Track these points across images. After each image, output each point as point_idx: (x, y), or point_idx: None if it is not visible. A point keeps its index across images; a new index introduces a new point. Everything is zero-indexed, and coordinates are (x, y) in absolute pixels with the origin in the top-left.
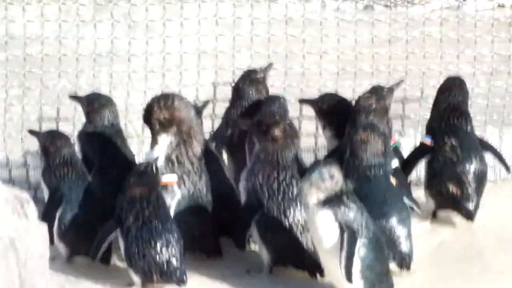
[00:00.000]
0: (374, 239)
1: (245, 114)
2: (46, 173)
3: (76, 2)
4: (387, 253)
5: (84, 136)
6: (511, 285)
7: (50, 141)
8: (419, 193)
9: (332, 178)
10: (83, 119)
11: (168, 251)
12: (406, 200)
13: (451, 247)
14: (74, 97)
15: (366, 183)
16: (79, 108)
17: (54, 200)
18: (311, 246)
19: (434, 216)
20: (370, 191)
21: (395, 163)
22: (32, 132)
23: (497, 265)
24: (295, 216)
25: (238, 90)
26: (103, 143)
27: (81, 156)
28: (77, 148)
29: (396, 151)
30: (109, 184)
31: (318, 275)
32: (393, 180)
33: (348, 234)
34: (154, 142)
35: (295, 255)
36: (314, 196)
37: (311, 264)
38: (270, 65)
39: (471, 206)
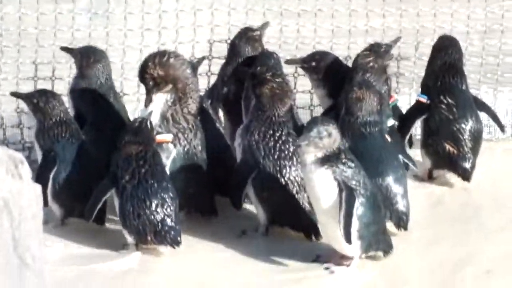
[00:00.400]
0: (371, 198)
1: (239, 69)
2: (40, 134)
3: None
4: (384, 212)
5: (77, 91)
6: (506, 244)
7: (43, 101)
8: (416, 152)
9: (329, 136)
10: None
11: (163, 211)
12: (401, 158)
13: (447, 206)
14: (66, 49)
15: (362, 141)
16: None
17: (48, 161)
18: (307, 206)
19: (430, 175)
20: (366, 149)
21: (390, 121)
22: (15, 94)
23: (492, 225)
24: (291, 174)
25: (234, 48)
26: (96, 99)
27: (74, 112)
28: (68, 104)
29: (395, 109)
30: (102, 141)
31: (313, 236)
32: (387, 138)
33: (347, 193)
34: (148, 99)
35: (291, 215)
36: (311, 154)
37: (307, 225)
38: (266, 24)
39: (467, 165)
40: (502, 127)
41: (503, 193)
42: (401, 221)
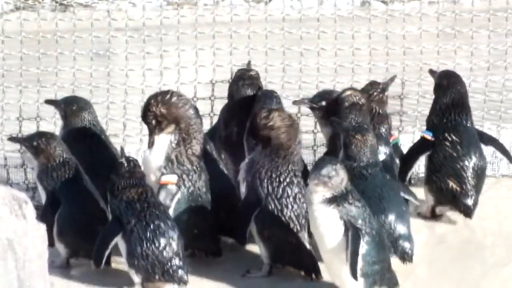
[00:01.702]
0: (376, 237)
1: (239, 109)
2: (42, 175)
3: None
4: (389, 250)
5: (69, 138)
6: (509, 281)
7: (44, 143)
8: (417, 191)
9: (338, 176)
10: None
11: (171, 250)
12: (402, 194)
13: (450, 244)
14: (50, 101)
15: (362, 182)
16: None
17: (52, 202)
18: (308, 245)
19: (433, 213)
20: (367, 188)
21: (381, 156)
22: (13, 139)
23: (495, 261)
24: (293, 214)
25: (232, 88)
26: (90, 144)
27: None
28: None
29: (396, 148)
30: (100, 184)
31: (314, 275)
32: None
33: (353, 232)
34: (151, 140)
35: (292, 254)
36: (319, 194)
37: (307, 264)
38: (249, 62)
39: (470, 202)
40: (511, 160)
41: (506, 230)
42: (406, 255)
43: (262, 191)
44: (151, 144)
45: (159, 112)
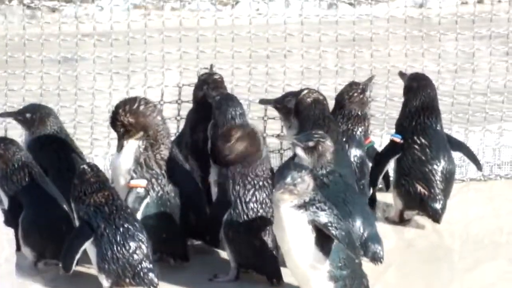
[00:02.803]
0: (345, 238)
1: (205, 114)
2: (3, 180)
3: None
4: (358, 251)
5: (35, 145)
6: (477, 284)
7: (2, 148)
8: (386, 195)
9: (303, 182)
10: None
11: (141, 253)
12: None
13: (418, 248)
14: (8, 114)
15: (325, 189)
16: None
17: (14, 206)
18: (272, 250)
19: (401, 217)
20: (331, 195)
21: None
22: None
23: (463, 265)
24: (258, 218)
25: (197, 94)
26: (56, 150)
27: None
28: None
29: (372, 151)
30: (68, 189)
31: (275, 281)
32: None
33: (322, 236)
34: (120, 146)
35: (255, 258)
36: (286, 200)
37: (270, 268)
38: (211, 66)
39: (438, 206)
40: (479, 166)
41: (473, 234)
42: (376, 256)
43: (233, 194)
44: (119, 148)
45: (127, 121)
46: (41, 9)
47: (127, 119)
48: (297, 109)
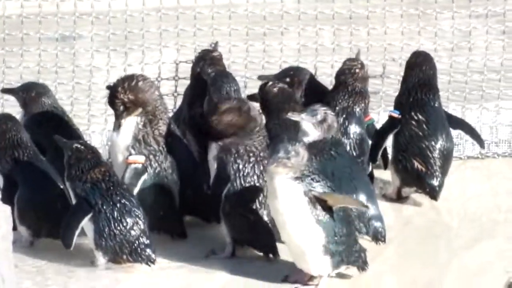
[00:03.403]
0: (340, 211)
1: (202, 90)
2: None
3: None
4: (355, 226)
5: (32, 124)
6: (474, 261)
7: None
8: (384, 172)
9: (297, 155)
10: None
11: (138, 229)
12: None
13: (416, 225)
14: (8, 90)
15: (331, 162)
16: None
17: (9, 185)
18: (267, 225)
19: (399, 194)
20: (336, 168)
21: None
22: None
23: (461, 243)
24: (255, 191)
25: (195, 70)
26: (53, 127)
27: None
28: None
29: (372, 128)
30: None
31: (271, 255)
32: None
33: (317, 209)
34: (117, 123)
35: (251, 232)
36: (281, 173)
37: (265, 242)
38: (216, 43)
39: (435, 183)
40: (481, 143)
41: (471, 212)
42: (379, 235)
43: (232, 168)
44: (117, 127)
45: (126, 98)
46: None
47: (127, 96)
48: (264, 101)
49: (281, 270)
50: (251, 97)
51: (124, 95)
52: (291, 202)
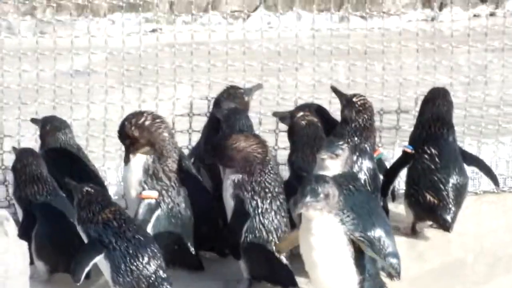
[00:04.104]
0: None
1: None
2: (17, 192)
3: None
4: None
5: (47, 158)
6: None
7: (17, 159)
8: (399, 207)
9: (327, 197)
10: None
11: (155, 263)
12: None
13: (430, 261)
14: (34, 120)
15: (350, 197)
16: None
17: (28, 220)
18: (284, 259)
19: (413, 229)
20: (354, 204)
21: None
22: (13, 148)
23: (476, 279)
24: (273, 227)
25: (217, 104)
26: (69, 163)
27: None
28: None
29: (380, 163)
30: None
31: None
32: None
33: (356, 245)
34: (127, 158)
35: (269, 268)
36: (318, 216)
37: (285, 278)
38: (259, 85)
39: (448, 216)
40: (496, 181)
41: (486, 247)
42: (394, 271)
43: (250, 206)
44: (126, 161)
45: (131, 134)
46: (53, 23)
47: (132, 132)
48: (291, 131)
49: None
50: (282, 118)
51: (130, 130)
52: (330, 241)
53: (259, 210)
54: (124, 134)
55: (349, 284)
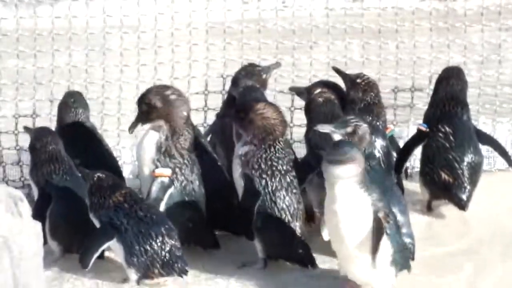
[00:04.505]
0: (395, 223)
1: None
2: (33, 171)
3: None
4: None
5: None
6: (505, 278)
7: (35, 138)
8: (414, 185)
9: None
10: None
11: (169, 242)
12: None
13: (445, 239)
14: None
15: (367, 175)
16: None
17: (43, 199)
18: (301, 235)
19: (429, 207)
20: (370, 182)
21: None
22: (26, 128)
23: (491, 258)
24: (285, 204)
25: (235, 82)
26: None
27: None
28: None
29: (392, 140)
30: None
31: (310, 267)
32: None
33: (383, 220)
34: (134, 125)
35: (285, 246)
36: (344, 179)
37: (301, 255)
38: (277, 64)
39: (463, 194)
40: (509, 161)
41: (502, 225)
42: (409, 251)
43: (260, 183)
44: (132, 128)
45: (153, 103)
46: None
47: (155, 101)
48: (308, 107)
49: (310, 284)
50: (299, 93)
51: (153, 99)
52: (356, 210)
53: (269, 189)
54: (145, 100)
55: (383, 257)
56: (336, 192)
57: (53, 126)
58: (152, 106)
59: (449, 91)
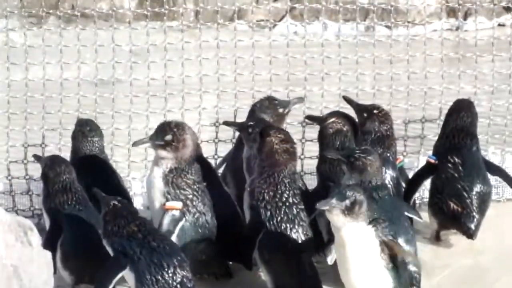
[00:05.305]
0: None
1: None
2: (46, 201)
3: (77, 27)
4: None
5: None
6: None
7: (48, 167)
8: (423, 216)
9: (353, 204)
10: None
11: (180, 272)
12: (406, 212)
13: (454, 268)
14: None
15: (373, 205)
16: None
17: (54, 229)
18: (308, 268)
19: (437, 237)
20: (377, 212)
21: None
22: (36, 157)
23: (498, 286)
24: (293, 235)
25: (252, 113)
26: (96, 171)
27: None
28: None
29: (402, 171)
30: None
31: None
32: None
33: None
34: (141, 141)
35: (293, 278)
36: (340, 220)
37: (311, 285)
38: (300, 99)
39: (471, 223)
40: None
41: (510, 256)
42: (414, 281)
43: (265, 214)
44: (140, 143)
45: (178, 134)
46: (77, 32)
47: (179, 133)
48: (320, 136)
49: None
50: (312, 118)
51: (170, 133)
52: (362, 248)
53: (274, 220)
54: (169, 130)
55: None
56: (337, 236)
57: (62, 155)
58: (175, 137)
59: (459, 124)
